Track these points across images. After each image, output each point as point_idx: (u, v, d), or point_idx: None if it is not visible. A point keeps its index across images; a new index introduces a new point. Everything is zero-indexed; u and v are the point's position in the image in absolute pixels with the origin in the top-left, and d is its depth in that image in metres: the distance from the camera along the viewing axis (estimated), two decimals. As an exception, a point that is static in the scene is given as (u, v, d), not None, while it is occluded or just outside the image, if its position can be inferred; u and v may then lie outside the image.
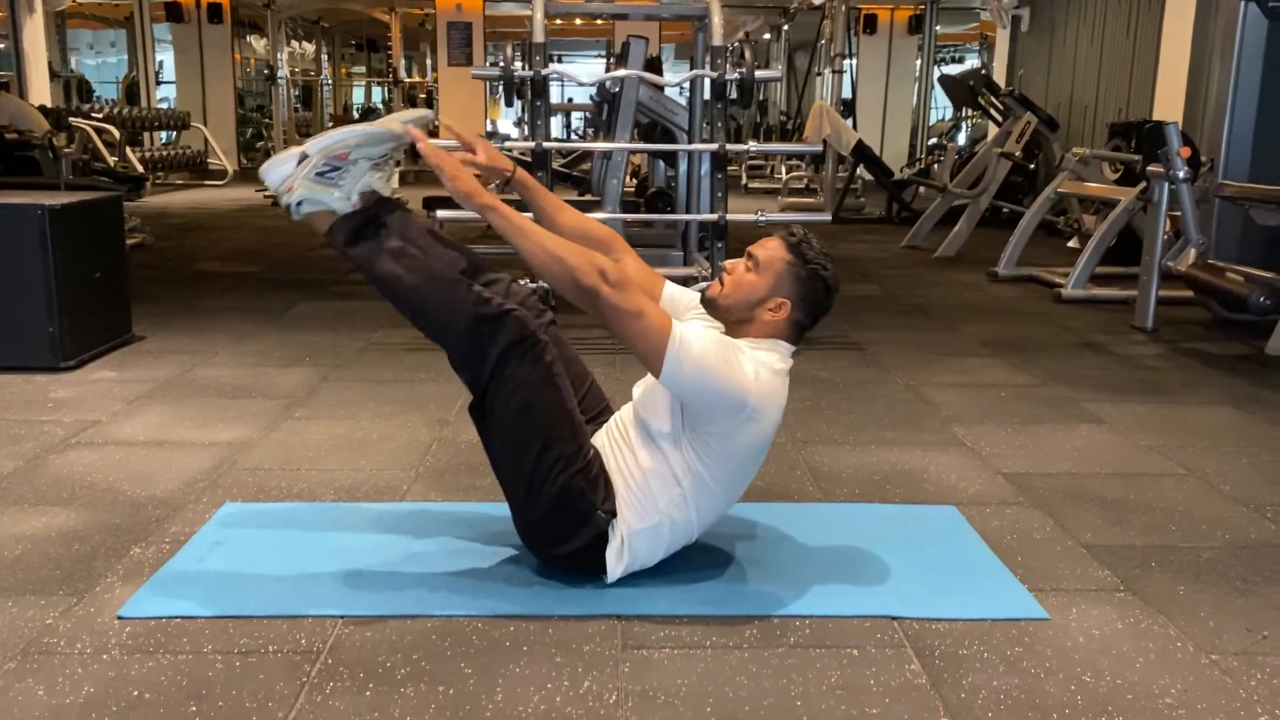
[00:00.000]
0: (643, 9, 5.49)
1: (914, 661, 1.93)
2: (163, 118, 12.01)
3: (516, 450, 2.14)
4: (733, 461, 2.16)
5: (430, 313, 2.14)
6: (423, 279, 2.12)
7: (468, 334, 2.10)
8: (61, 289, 3.83)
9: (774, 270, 2.16)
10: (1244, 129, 4.92)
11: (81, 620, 2.03)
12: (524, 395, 2.10)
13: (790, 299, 2.16)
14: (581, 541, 2.13)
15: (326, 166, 2.08)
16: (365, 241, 2.13)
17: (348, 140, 2.08)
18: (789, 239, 2.19)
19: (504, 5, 15.23)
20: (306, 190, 2.09)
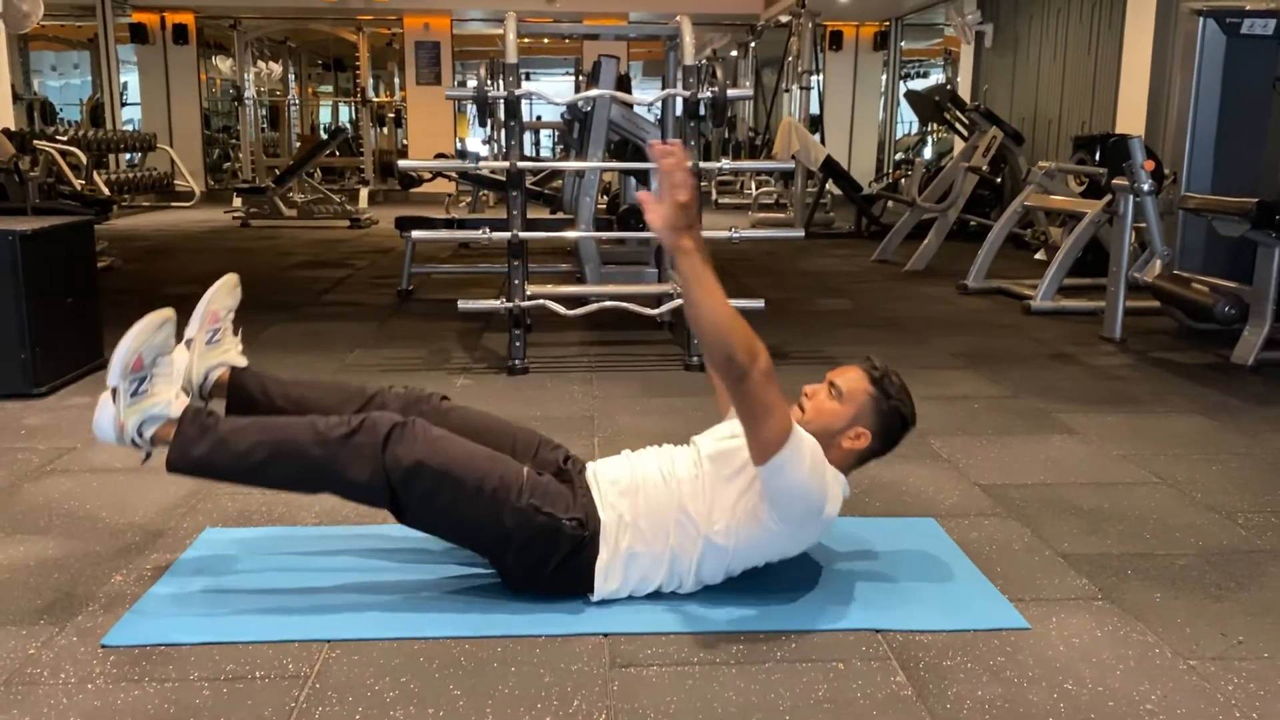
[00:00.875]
0: (614, 29, 5.53)
1: (899, 673, 1.95)
2: (128, 139, 11.91)
3: (456, 519, 2.14)
4: (757, 553, 2.20)
5: (302, 467, 2.11)
6: (277, 435, 2.11)
7: (346, 462, 2.09)
8: (33, 315, 3.80)
9: (857, 401, 2.23)
10: (1205, 142, 5.02)
11: (64, 650, 2.01)
12: (427, 471, 2.09)
13: (870, 430, 2.23)
14: (560, 554, 2.13)
15: (134, 383, 2.08)
16: (205, 438, 2.12)
17: (132, 347, 2.08)
18: (872, 372, 2.26)
19: (471, 25, 15.26)
20: (136, 416, 2.09)
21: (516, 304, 4.27)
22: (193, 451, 2.10)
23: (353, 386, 2.42)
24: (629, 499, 2.18)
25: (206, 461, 2.11)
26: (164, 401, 2.11)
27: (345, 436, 2.09)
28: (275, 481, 2.18)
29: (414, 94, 14.51)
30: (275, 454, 2.10)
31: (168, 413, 2.11)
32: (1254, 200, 4.25)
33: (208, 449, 2.11)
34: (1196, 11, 5.00)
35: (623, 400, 3.93)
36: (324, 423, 2.12)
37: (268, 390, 2.34)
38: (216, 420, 2.16)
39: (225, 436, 2.12)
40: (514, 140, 4.29)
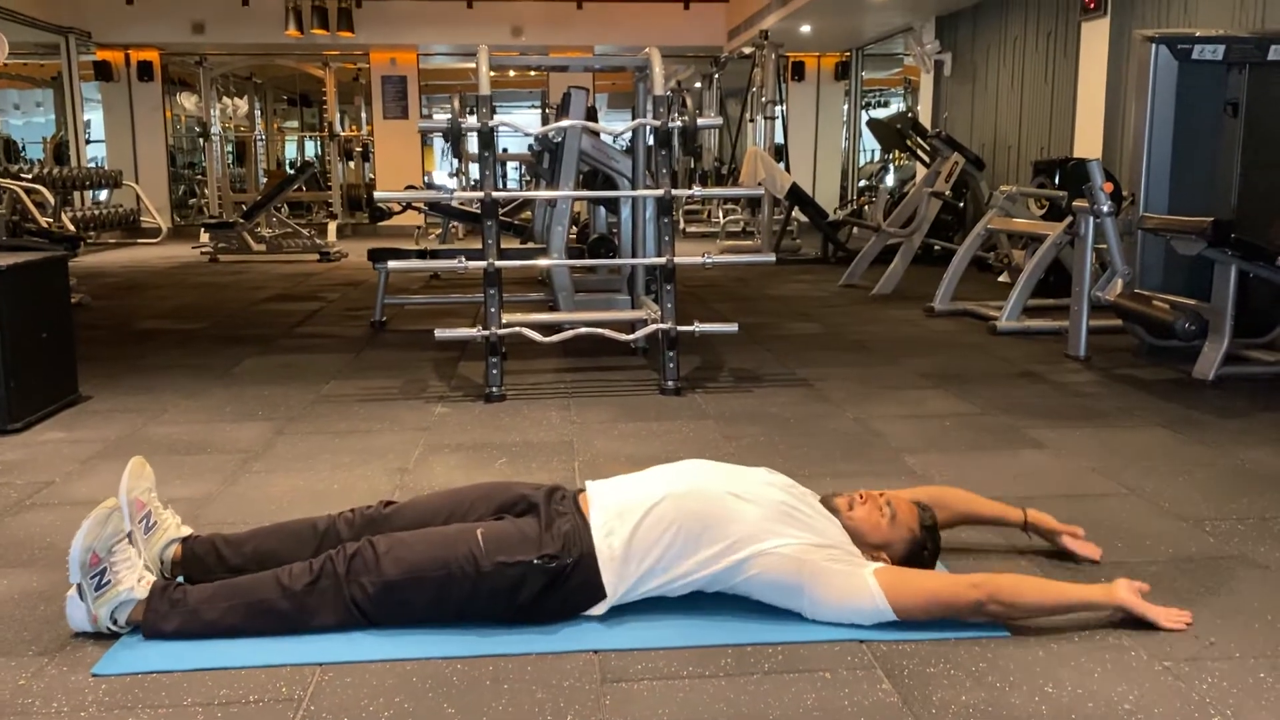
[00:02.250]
0: (583, 61, 5.61)
1: (884, 681, 1.99)
2: (94, 176, 11.85)
3: (438, 607, 2.18)
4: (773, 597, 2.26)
5: (272, 617, 2.16)
6: (244, 596, 2.17)
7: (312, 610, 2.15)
8: (8, 351, 3.79)
9: (900, 532, 2.35)
10: (1161, 164, 5.15)
11: (55, 680, 2.02)
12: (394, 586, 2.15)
13: (892, 559, 2.32)
14: (537, 587, 2.17)
15: (96, 577, 2.13)
16: (175, 612, 2.15)
17: (84, 545, 2.12)
18: (926, 520, 2.38)
19: (437, 59, 15.36)
20: (106, 606, 2.13)
21: (493, 332, 4.31)
22: (166, 627, 2.14)
23: (303, 526, 2.41)
24: (630, 517, 2.22)
25: (182, 634, 2.14)
26: (128, 587, 2.14)
27: (309, 585, 2.15)
28: (251, 634, 2.17)
29: (381, 128, 14.56)
30: (247, 616, 2.15)
31: (135, 597, 2.14)
32: (1210, 220, 4.37)
33: (180, 623, 2.14)
34: (1148, 38, 5.15)
35: (600, 425, 3.97)
36: (287, 575, 2.18)
37: (220, 554, 2.36)
38: (184, 593, 2.18)
39: (195, 608, 2.15)
40: (488, 171, 4.34)
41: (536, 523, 2.24)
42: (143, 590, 2.15)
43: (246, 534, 2.43)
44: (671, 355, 4.43)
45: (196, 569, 2.35)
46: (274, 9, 13.15)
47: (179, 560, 2.35)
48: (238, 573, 2.32)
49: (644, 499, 2.26)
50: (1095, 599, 2.21)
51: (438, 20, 13.73)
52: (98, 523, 2.15)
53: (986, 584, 2.15)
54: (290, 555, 2.34)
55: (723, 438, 3.76)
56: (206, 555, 2.35)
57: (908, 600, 2.16)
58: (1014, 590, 2.17)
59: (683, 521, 2.22)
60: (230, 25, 13.51)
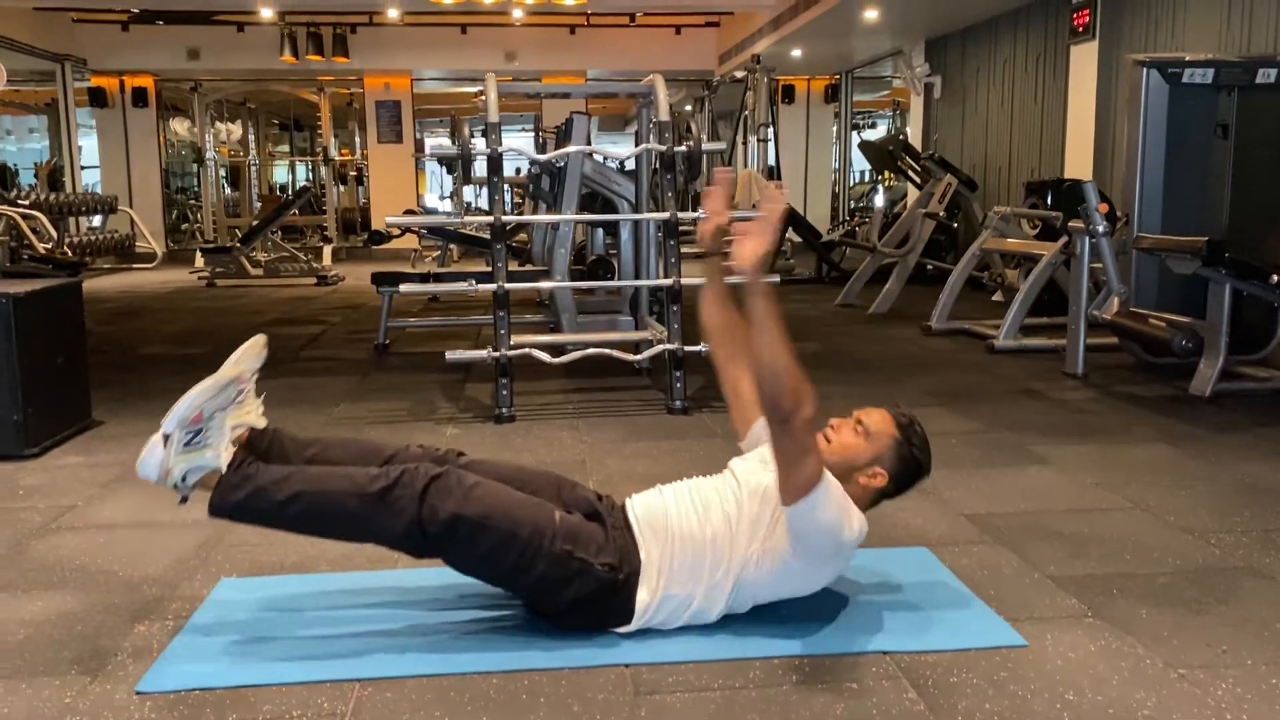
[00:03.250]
0: (585, 88, 5.69)
1: (910, 690, 2.05)
2: (90, 202, 11.90)
3: (493, 564, 2.23)
4: (781, 589, 2.31)
5: (338, 517, 2.21)
6: (317, 487, 2.21)
7: (383, 515, 2.18)
8: (25, 376, 3.84)
9: (881, 442, 2.35)
10: (1154, 184, 5.26)
11: (100, 698, 2.06)
12: (464, 523, 2.18)
13: (888, 471, 2.34)
14: (592, 594, 2.22)
15: (189, 435, 2.20)
16: (247, 485, 2.21)
17: (196, 401, 2.20)
18: (900, 418, 2.39)
19: (431, 84, 15.47)
20: (184, 463, 2.20)
21: (503, 353, 4.37)
22: (233, 498, 2.20)
23: (370, 447, 2.47)
24: (662, 539, 2.27)
25: (247, 508, 2.21)
26: (214, 454, 2.20)
27: (384, 490, 2.18)
28: (313, 531, 2.27)
29: (375, 152, 14.63)
30: (314, 506, 2.19)
31: (216, 464, 2.21)
32: (1204, 240, 4.47)
33: (247, 496, 2.20)
34: (1139, 62, 5.27)
35: (610, 445, 4.03)
36: (362, 475, 2.21)
37: (285, 451, 2.40)
38: (259, 469, 2.23)
39: (266, 486, 2.20)
40: (497, 195, 4.41)
41: (603, 530, 2.29)
42: (225, 460, 2.21)
43: (312, 439, 2.47)
44: (678, 375, 4.50)
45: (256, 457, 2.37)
46: (269, 35, 13.24)
47: (243, 443, 2.36)
48: None
49: (674, 519, 2.30)
50: None
51: (432, 45, 13.83)
52: (217, 386, 2.22)
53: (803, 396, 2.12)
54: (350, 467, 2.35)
55: (733, 457, 3.81)
56: (270, 446, 2.39)
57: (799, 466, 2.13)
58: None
59: (700, 547, 2.26)
60: (225, 52, 13.59)
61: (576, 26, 13.75)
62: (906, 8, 9.56)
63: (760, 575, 2.26)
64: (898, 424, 2.37)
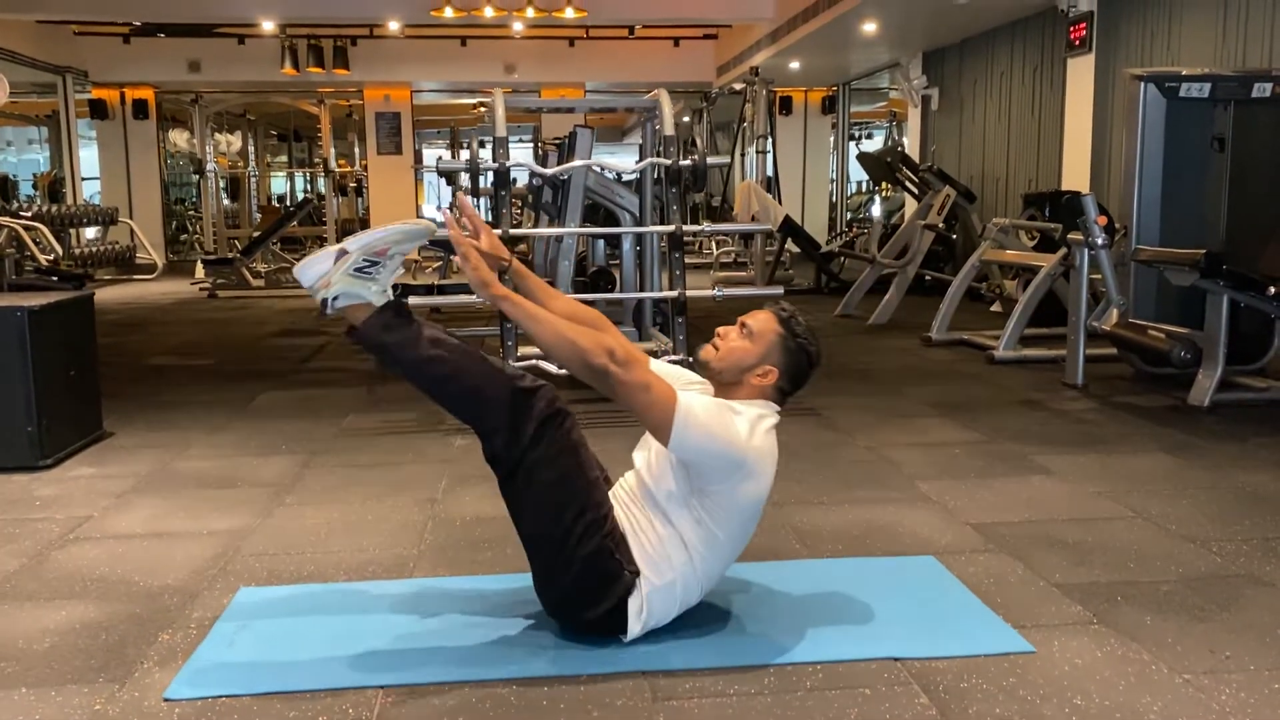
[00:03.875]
0: (588, 103, 5.76)
1: (922, 696, 2.10)
2: (91, 214, 11.93)
3: (550, 520, 2.27)
4: (734, 520, 2.33)
5: (469, 388, 2.26)
6: (460, 358, 2.27)
7: (507, 406, 2.24)
8: (39, 388, 3.88)
9: (765, 340, 2.38)
10: (1151, 197, 5.32)
11: (129, 705, 2.10)
12: (558, 467, 2.26)
13: (778, 367, 2.38)
14: (610, 602, 2.26)
15: (365, 262, 2.23)
16: (399, 330, 2.26)
17: (389, 237, 2.24)
18: (780, 313, 2.42)
19: (430, 95, 15.55)
20: (345, 285, 2.23)
21: (509, 365, 4.41)
22: (383, 336, 2.24)
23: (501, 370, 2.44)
24: (634, 541, 2.32)
25: (390, 346, 2.25)
26: (378, 289, 2.24)
27: (524, 390, 2.24)
28: (436, 390, 2.30)
29: (375, 163, 14.70)
30: (456, 371, 2.25)
31: (370, 298, 2.24)
32: (1202, 252, 4.53)
33: (398, 339, 2.24)
34: (1137, 77, 5.34)
35: (621, 455, 4.01)
36: (509, 368, 2.31)
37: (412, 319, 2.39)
38: (412, 323, 2.27)
39: (418, 337, 2.25)
40: (504, 209, 4.47)
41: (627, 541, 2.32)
42: (380, 300, 2.25)
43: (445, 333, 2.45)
44: (684, 387, 4.54)
45: None
46: (270, 48, 13.31)
47: None
48: None
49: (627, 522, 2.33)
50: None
51: (432, 58, 13.91)
52: (410, 232, 2.26)
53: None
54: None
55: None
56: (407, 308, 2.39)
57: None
58: None
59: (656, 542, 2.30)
60: (226, 64, 13.66)
61: (576, 39, 13.85)
62: (904, 21, 9.65)
63: (706, 523, 2.29)
64: (779, 319, 2.40)
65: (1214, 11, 6.68)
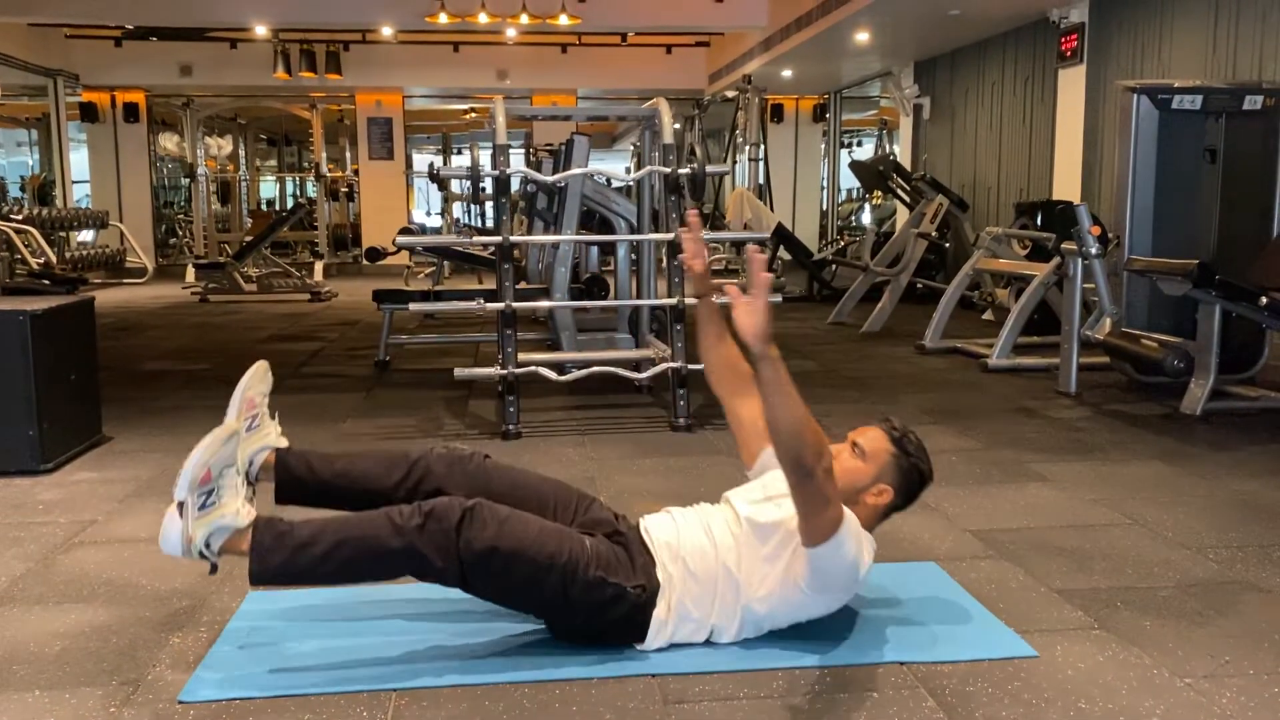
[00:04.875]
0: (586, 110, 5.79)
1: (929, 699, 2.13)
2: (82, 217, 11.92)
3: (525, 594, 2.28)
4: (795, 615, 2.37)
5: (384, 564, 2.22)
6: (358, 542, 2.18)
7: (421, 551, 2.19)
8: (41, 392, 3.88)
9: (879, 460, 2.41)
10: (1144, 207, 5.38)
11: (144, 707, 2.12)
12: (498, 555, 2.20)
13: (892, 486, 2.41)
14: (618, 614, 2.29)
15: (203, 497, 2.12)
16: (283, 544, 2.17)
17: (201, 460, 2.12)
18: (892, 432, 2.45)
19: (422, 101, 15.56)
20: (205, 529, 2.12)
21: (511, 371, 4.44)
22: (273, 560, 2.14)
23: (395, 453, 2.52)
24: (678, 562, 2.34)
25: (289, 568, 2.16)
26: (231, 512, 2.14)
27: (420, 526, 2.19)
28: (358, 577, 2.25)
29: (366, 169, 14.71)
30: (357, 552, 2.18)
31: (236, 524, 2.14)
32: (1195, 262, 4.58)
33: (288, 556, 2.15)
34: (1130, 88, 5.40)
35: (618, 462, 4.10)
36: (398, 514, 2.21)
37: (313, 467, 2.43)
38: (290, 525, 2.20)
39: (304, 541, 2.17)
40: (504, 216, 4.49)
41: (627, 552, 2.35)
42: (245, 518, 2.15)
43: (338, 453, 2.51)
44: (682, 393, 4.58)
45: (285, 475, 2.43)
46: (262, 52, 13.30)
47: (269, 466, 2.41)
48: (324, 484, 2.41)
49: (687, 544, 2.36)
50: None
51: (424, 63, 13.94)
52: (218, 441, 2.14)
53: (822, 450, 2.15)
54: (378, 478, 2.42)
55: (741, 475, 3.88)
56: (297, 464, 2.43)
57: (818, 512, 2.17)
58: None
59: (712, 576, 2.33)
60: (218, 68, 13.66)
61: (568, 45, 13.89)
62: (897, 30, 9.72)
63: (777, 606, 2.32)
64: (892, 439, 2.43)
65: (1205, 24, 6.77)
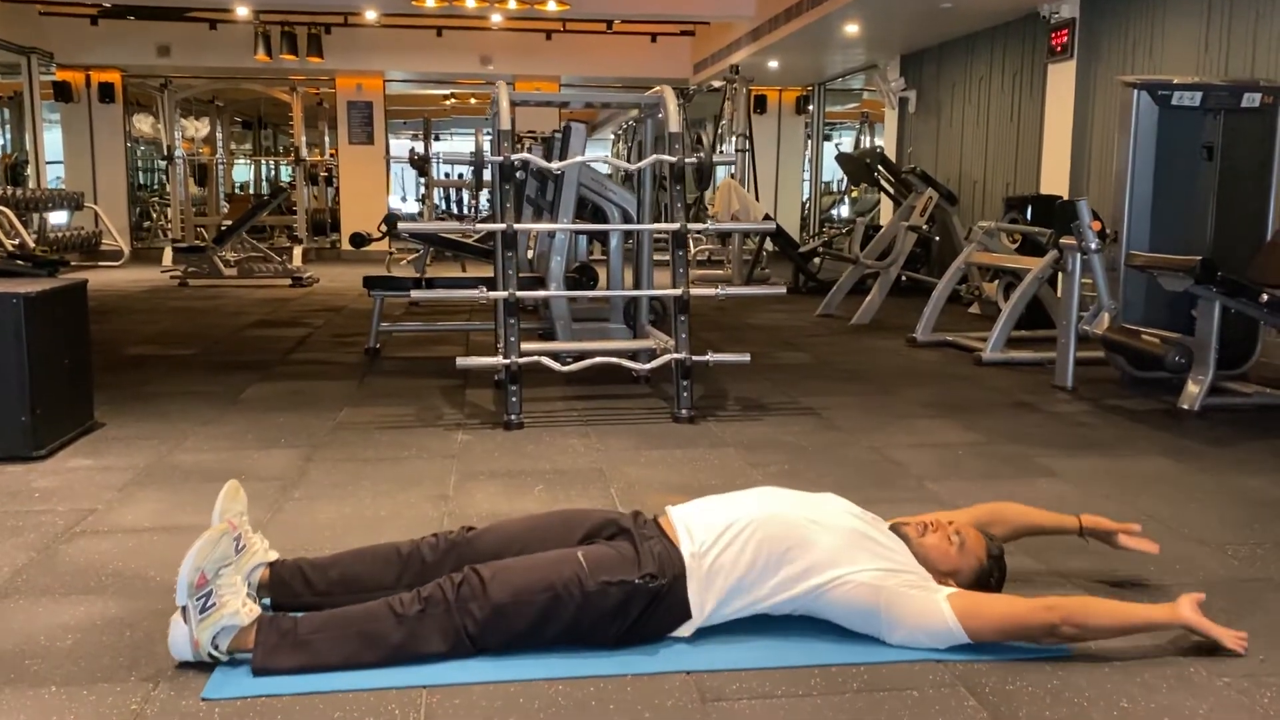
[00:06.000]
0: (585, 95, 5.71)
1: (970, 698, 2.10)
2: (56, 198, 11.68)
3: (539, 630, 2.23)
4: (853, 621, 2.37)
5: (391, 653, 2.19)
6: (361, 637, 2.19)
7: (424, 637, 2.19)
8: (34, 377, 3.78)
9: (969, 561, 2.45)
10: (1142, 203, 5.39)
11: (167, 704, 2.05)
12: (501, 611, 2.20)
13: (961, 585, 2.42)
14: (638, 609, 2.25)
15: (202, 600, 2.14)
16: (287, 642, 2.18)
17: (194, 565, 2.14)
18: (993, 549, 2.50)
19: (397, 86, 15.39)
20: (209, 630, 2.14)
21: (514, 361, 4.38)
22: (278, 661, 2.15)
23: (387, 550, 2.47)
24: (709, 535, 2.32)
25: (294, 667, 2.16)
26: (232, 611, 2.15)
27: (420, 613, 2.19)
28: (359, 666, 2.19)
29: (346, 153, 14.53)
30: (362, 646, 2.18)
31: (239, 622, 2.15)
32: (1199, 259, 4.59)
33: (291, 654, 2.16)
34: (1129, 84, 5.40)
35: (625, 453, 4.06)
36: (399, 604, 2.22)
37: (308, 579, 2.40)
38: (294, 623, 2.20)
39: (307, 639, 2.18)
40: (508, 204, 4.42)
41: (631, 545, 2.32)
42: (247, 617, 2.17)
43: (330, 558, 2.48)
44: (685, 384, 4.54)
45: (282, 593, 2.40)
46: (242, 34, 13.11)
47: (265, 583, 2.39)
48: (323, 596, 2.38)
49: (727, 522, 2.35)
50: (1160, 619, 2.33)
51: (406, 47, 13.78)
52: (209, 543, 2.17)
53: (1060, 606, 2.27)
54: (375, 579, 2.40)
55: (748, 465, 3.87)
56: (293, 579, 2.40)
57: (981, 623, 2.27)
58: (1085, 612, 2.28)
59: (765, 544, 2.32)
60: (197, 49, 13.44)
61: (553, 32, 13.78)
62: (886, 23, 9.70)
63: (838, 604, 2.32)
64: (989, 554, 2.48)
65: (1198, 21, 6.79)
